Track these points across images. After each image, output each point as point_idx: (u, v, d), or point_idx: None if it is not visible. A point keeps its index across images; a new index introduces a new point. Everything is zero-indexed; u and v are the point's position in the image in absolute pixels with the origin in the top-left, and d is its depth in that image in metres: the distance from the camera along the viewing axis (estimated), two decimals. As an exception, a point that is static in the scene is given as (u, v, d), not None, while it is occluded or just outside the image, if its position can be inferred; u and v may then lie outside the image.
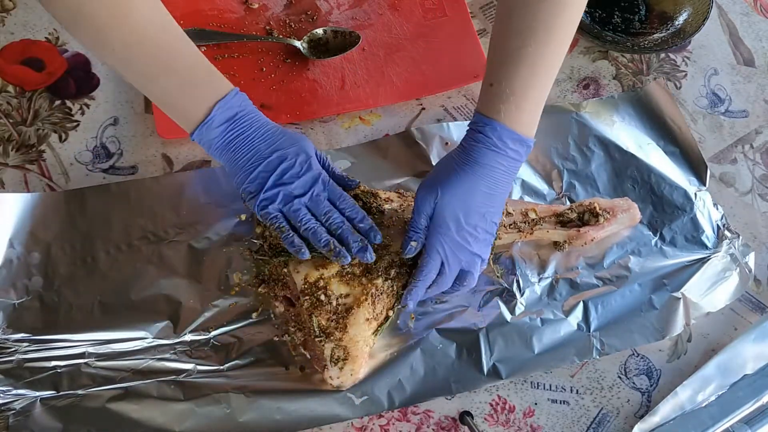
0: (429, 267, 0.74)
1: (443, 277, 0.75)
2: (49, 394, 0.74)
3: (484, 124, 0.72)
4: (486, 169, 0.72)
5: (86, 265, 0.80)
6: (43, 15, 0.96)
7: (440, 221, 0.73)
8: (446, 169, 0.74)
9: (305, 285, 0.74)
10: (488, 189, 0.73)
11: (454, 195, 0.72)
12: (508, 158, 0.72)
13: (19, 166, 0.87)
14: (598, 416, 0.79)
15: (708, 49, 1.03)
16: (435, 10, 0.99)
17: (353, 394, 0.76)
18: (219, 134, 0.72)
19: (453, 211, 0.72)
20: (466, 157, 0.73)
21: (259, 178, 0.73)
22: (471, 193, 0.72)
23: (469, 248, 0.74)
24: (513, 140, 0.72)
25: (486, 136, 0.72)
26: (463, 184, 0.72)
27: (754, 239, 0.90)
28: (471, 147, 0.73)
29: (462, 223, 0.73)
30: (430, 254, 0.74)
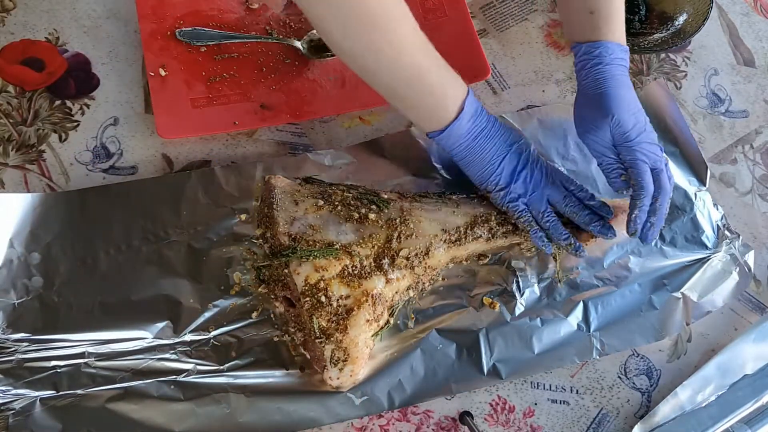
0: (645, 179, 0.78)
1: (661, 182, 0.79)
2: (48, 394, 0.74)
3: (596, 46, 0.81)
4: (621, 81, 0.80)
5: (86, 265, 0.80)
6: (43, 15, 0.96)
7: (625, 136, 0.78)
8: (589, 101, 0.81)
9: (306, 286, 0.74)
10: (632, 95, 0.80)
11: (617, 109, 0.78)
12: (623, 67, 0.81)
13: (19, 166, 0.87)
14: (598, 416, 0.79)
15: (708, 49, 1.03)
16: (435, 10, 0.99)
17: (353, 394, 0.75)
18: (466, 131, 0.78)
19: (627, 122, 0.78)
20: (596, 80, 0.81)
21: (504, 171, 0.79)
22: (626, 100, 0.79)
23: (657, 143, 0.80)
24: (622, 51, 0.81)
25: (602, 56, 0.80)
26: (616, 98, 0.79)
27: (754, 239, 0.90)
28: (596, 70, 0.80)
29: (639, 126, 0.79)
30: (639, 168, 0.79)
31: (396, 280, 0.77)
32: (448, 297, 0.82)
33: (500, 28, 1.02)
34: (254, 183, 0.86)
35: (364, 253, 0.76)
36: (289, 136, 0.92)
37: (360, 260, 0.76)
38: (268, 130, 0.92)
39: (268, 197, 0.82)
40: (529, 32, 1.02)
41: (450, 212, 0.81)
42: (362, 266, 0.76)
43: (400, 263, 0.77)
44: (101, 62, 0.94)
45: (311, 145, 0.91)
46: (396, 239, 0.78)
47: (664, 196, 0.80)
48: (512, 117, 0.93)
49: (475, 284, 0.83)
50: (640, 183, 0.79)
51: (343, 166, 0.88)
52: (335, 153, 0.89)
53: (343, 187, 0.82)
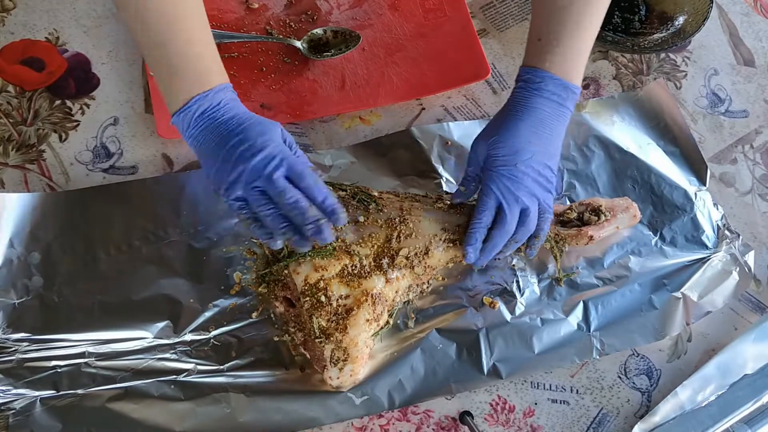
0: (485, 205, 0.76)
1: (503, 218, 0.76)
2: (49, 394, 0.74)
3: (528, 72, 0.77)
4: (531, 110, 0.75)
5: (86, 265, 0.80)
6: (43, 15, 0.96)
7: (492, 161, 0.76)
8: (495, 119, 0.78)
9: (305, 286, 0.74)
10: (534, 129, 0.75)
11: (502, 135, 0.75)
12: (552, 102, 0.76)
13: (19, 166, 0.87)
14: (598, 416, 0.79)
15: (708, 49, 1.03)
16: (435, 10, 0.99)
17: (353, 394, 0.76)
18: (190, 125, 0.71)
19: (503, 150, 0.75)
20: (511, 103, 0.77)
21: (222, 168, 0.70)
22: (517, 132, 0.75)
23: (524, 185, 0.75)
24: (557, 85, 0.75)
25: (530, 82, 0.76)
26: (509, 125, 0.76)
27: (754, 239, 0.90)
28: (516, 94, 0.77)
29: (514, 160, 0.75)
30: (485, 192, 0.76)
31: (396, 279, 0.77)
32: (448, 297, 0.82)
33: (500, 28, 1.02)
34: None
35: (364, 252, 0.76)
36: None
37: (360, 260, 0.76)
38: (268, 130, 0.92)
39: (268, 197, 0.82)
40: (529, 32, 1.02)
41: (450, 212, 0.81)
42: (362, 266, 0.76)
43: (400, 263, 0.77)
44: (101, 62, 0.94)
45: (311, 145, 0.91)
46: (395, 239, 0.78)
47: (498, 232, 0.76)
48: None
49: (475, 284, 0.83)
50: (477, 206, 0.76)
51: (343, 166, 0.88)
52: (335, 153, 0.89)
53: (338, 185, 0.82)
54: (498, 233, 0.76)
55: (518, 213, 0.76)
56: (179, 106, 0.71)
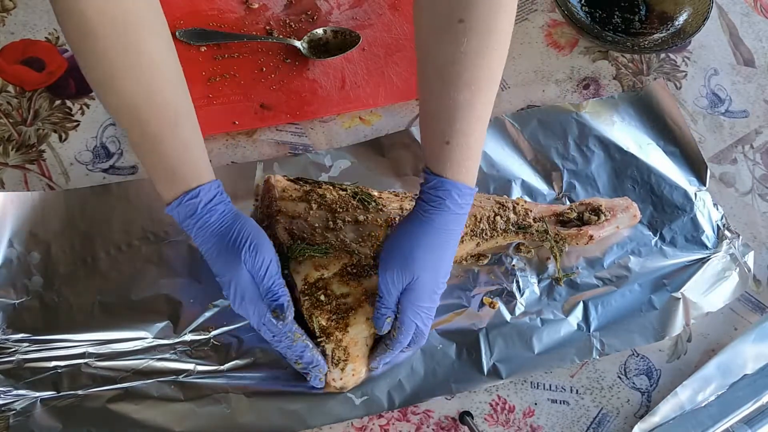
0: (405, 337, 0.73)
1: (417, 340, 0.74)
2: (49, 395, 0.74)
3: (436, 181, 0.70)
4: (439, 232, 0.70)
5: (86, 265, 0.80)
6: (43, 15, 0.96)
7: (416, 297, 0.71)
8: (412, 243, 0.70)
9: (305, 285, 0.74)
10: (442, 249, 0.71)
11: (428, 270, 0.70)
12: (455, 214, 0.71)
13: (19, 165, 0.87)
14: (598, 416, 0.79)
15: (708, 49, 1.03)
16: (435, 10, 0.99)
17: (353, 394, 0.76)
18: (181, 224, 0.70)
19: (428, 286, 0.71)
20: (420, 220, 0.71)
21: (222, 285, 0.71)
22: (441, 263, 0.71)
23: (422, 304, 0.72)
24: (461, 194, 0.70)
25: (439, 191, 0.70)
26: (434, 257, 0.70)
27: (754, 239, 0.90)
28: (425, 209, 0.70)
29: (434, 292, 0.72)
30: (407, 326, 0.72)
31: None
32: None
33: (500, 28, 1.01)
34: (254, 183, 0.86)
35: (364, 252, 0.76)
36: (289, 136, 0.92)
37: (359, 259, 0.76)
38: (268, 130, 0.92)
39: (268, 197, 0.82)
40: (529, 32, 1.02)
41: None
42: (362, 265, 0.76)
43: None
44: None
45: (311, 145, 0.91)
46: (396, 239, 0.78)
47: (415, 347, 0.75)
48: (512, 117, 0.93)
49: (475, 284, 0.83)
50: (398, 337, 0.72)
51: (343, 166, 0.88)
52: (335, 153, 0.89)
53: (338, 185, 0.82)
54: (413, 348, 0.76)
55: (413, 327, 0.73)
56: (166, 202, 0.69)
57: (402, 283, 0.70)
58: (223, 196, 0.71)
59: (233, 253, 0.69)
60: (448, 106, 0.68)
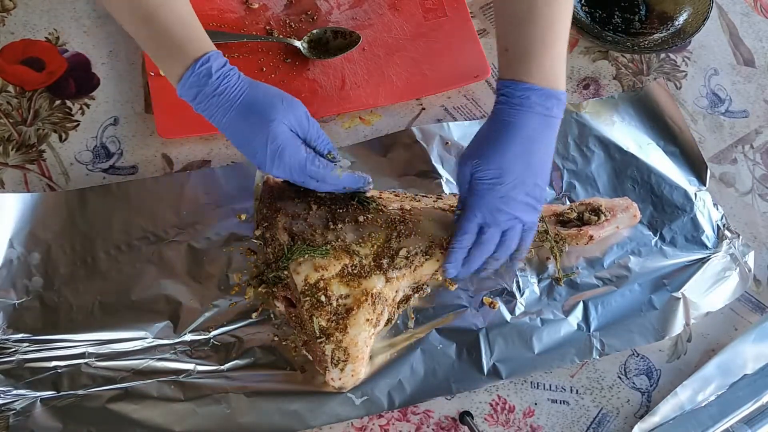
0: (464, 229, 0.75)
1: (484, 240, 0.75)
2: (49, 395, 0.74)
3: (506, 86, 0.73)
4: (516, 128, 0.72)
5: (86, 265, 0.80)
6: (43, 15, 0.96)
7: (476, 185, 0.74)
8: (479, 137, 0.76)
9: (305, 286, 0.74)
10: (521, 147, 0.72)
11: (487, 158, 0.72)
12: (537, 114, 0.72)
13: (19, 166, 0.87)
14: (598, 416, 0.79)
15: (708, 49, 1.03)
16: (435, 10, 0.99)
17: (353, 394, 0.76)
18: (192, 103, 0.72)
19: (487, 174, 0.73)
20: (494, 121, 0.74)
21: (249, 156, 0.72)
22: (502, 153, 0.72)
23: (507, 209, 0.73)
24: (539, 95, 0.72)
25: (509, 97, 0.73)
26: (494, 146, 0.73)
27: (754, 239, 0.90)
28: (498, 110, 0.74)
29: (497, 184, 0.72)
30: (467, 217, 0.75)
31: (396, 279, 0.77)
32: (448, 297, 0.82)
33: (500, 28, 1.02)
34: (254, 183, 0.86)
35: (364, 252, 0.77)
36: (289, 136, 0.92)
37: (359, 260, 0.76)
38: (268, 130, 0.92)
39: (267, 197, 0.82)
40: (529, 32, 1.01)
41: (450, 212, 0.81)
42: (362, 266, 0.76)
43: (400, 263, 0.77)
44: (101, 62, 0.94)
45: (311, 145, 0.91)
46: (395, 239, 0.78)
47: (479, 251, 0.75)
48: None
49: (475, 284, 0.83)
50: (458, 227, 0.75)
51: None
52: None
53: None
54: (478, 253, 0.76)
55: (499, 235, 0.75)
56: (174, 84, 0.72)
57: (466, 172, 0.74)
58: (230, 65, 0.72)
59: (265, 110, 0.69)
60: (509, 16, 0.74)
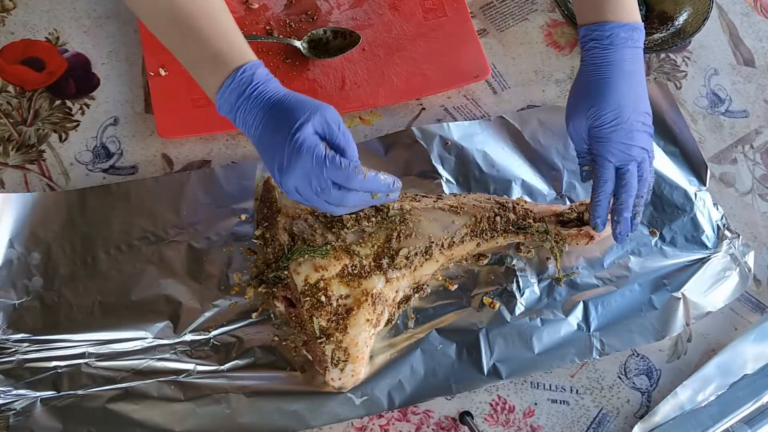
0: (604, 177, 0.77)
1: (627, 180, 0.77)
2: (49, 395, 0.74)
3: (593, 30, 0.77)
4: (615, 66, 0.76)
5: (86, 265, 0.80)
6: (43, 15, 0.96)
7: (598, 130, 0.76)
8: (580, 87, 0.78)
9: (306, 286, 0.74)
10: (625, 82, 0.76)
11: (601, 102, 0.75)
12: (630, 48, 0.76)
13: (19, 166, 0.87)
14: (598, 416, 0.79)
15: (708, 49, 1.03)
16: (435, 10, 0.99)
17: (353, 394, 0.76)
18: (228, 114, 0.71)
19: (607, 116, 0.75)
20: (593, 65, 0.77)
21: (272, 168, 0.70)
22: (613, 92, 0.76)
23: (634, 143, 0.76)
24: (627, 30, 0.76)
25: (601, 39, 0.76)
26: (603, 89, 0.76)
27: (754, 239, 0.90)
28: (592, 55, 0.77)
29: (620, 121, 0.75)
30: (601, 164, 0.77)
31: (396, 279, 0.77)
32: (448, 297, 0.82)
33: (500, 28, 1.02)
34: (254, 183, 0.86)
35: (364, 252, 0.77)
36: (289, 136, 0.92)
37: (360, 260, 0.76)
38: (268, 130, 0.92)
39: (268, 197, 0.82)
40: (529, 32, 1.02)
41: (450, 212, 0.81)
42: (362, 266, 0.76)
43: (400, 263, 0.77)
44: (101, 62, 0.94)
45: (311, 145, 0.91)
46: (395, 239, 0.78)
47: (627, 193, 0.78)
48: (512, 117, 0.93)
49: (475, 284, 0.83)
50: (597, 178, 0.78)
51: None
52: (335, 153, 0.89)
53: None
54: (625, 195, 0.78)
55: (636, 171, 0.78)
56: (214, 92, 0.71)
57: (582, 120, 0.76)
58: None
59: (294, 111, 0.68)
60: None
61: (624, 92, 0.76)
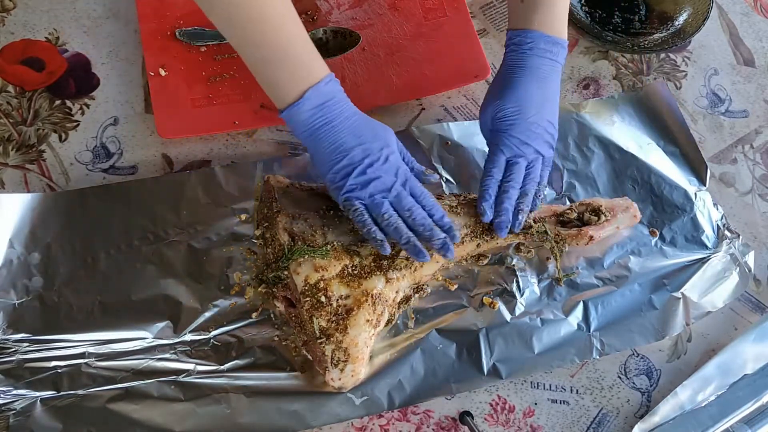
0: (493, 162, 0.80)
1: (514, 172, 0.79)
2: (49, 395, 0.74)
3: (516, 35, 0.80)
4: (528, 70, 0.80)
5: (86, 265, 0.80)
6: (43, 15, 0.96)
7: (499, 122, 0.80)
8: (493, 85, 0.82)
9: (306, 286, 0.74)
10: (535, 86, 0.79)
11: (506, 97, 0.79)
12: (547, 60, 0.80)
13: (19, 166, 0.87)
14: (598, 416, 0.79)
15: (708, 49, 1.03)
16: (435, 10, 0.99)
17: (353, 394, 0.76)
18: (307, 119, 0.73)
19: (509, 110, 0.79)
20: (507, 67, 0.81)
21: (343, 170, 0.74)
22: (520, 91, 0.79)
23: (529, 142, 0.79)
24: (547, 42, 0.79)
25: (521, 45, 0.80)
26: (512, 86, 0.80)
27: (754, 239, 0.90)
28: (510, 57, 0.81)
29: (520, 118, 0.79)
30: (494, 152, 0.80)
31: (396, 279, 0.77)
32: (448, 297, 0.82)
33: (500, 28, 1.02)
34: (254, 183, 0.86)
35: (364, 253, 0.77)
36: (289, 136, 0.92)
37: (360, 260, 0.76)
38: (268, 130, 0.92)
39: (268, 197, 0.82)
40: (529, 32, 1.01)
41: (450, 212, 0.81)
42: (362, 266, 0.76)
43: (400, 263, 0.77)
44: (101, 62, 0.94)
45: (311, 145, 0.91)
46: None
47: (510, 184, 0.79)
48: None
49: (475, 284, 0.83)
50: (486, 166, 0.81)
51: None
52: (335, 153, 0.89)
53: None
54: (509, 186, 0.79)
55: (525, 167, 0.80)
56: (293, 100, 0.73)
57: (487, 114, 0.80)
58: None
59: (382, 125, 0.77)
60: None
61: (531, 93, 0.79)
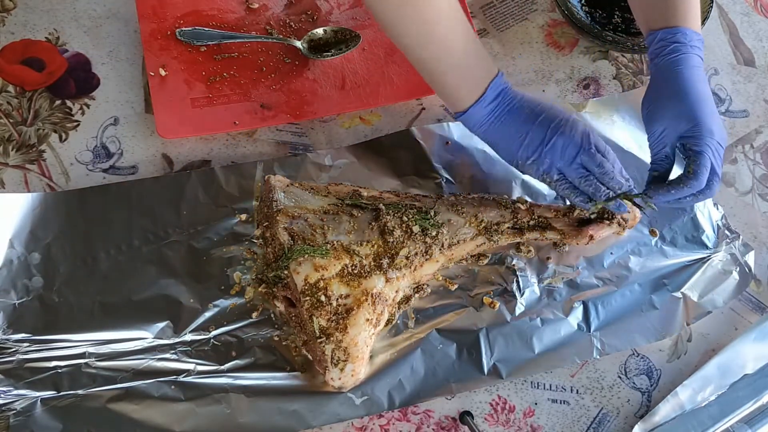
0: (701, 178, 0.76)
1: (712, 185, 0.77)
2: (49, 395, 0.74)
3: (676, 33, 0.79)
4: (696, 70, 0.79)
5: (86, 265, 0.80)
6: (43, 15, 0.96)
7: (703, 132, 0.76)
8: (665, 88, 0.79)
9: (306, 286, 0.74)
10: (705, 87, 0.79)
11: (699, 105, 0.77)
12: (701, 59, 0.79)
13: (20, 166, 0.87)
14: (598, 416, 0.79)
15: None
16: (435, 10, 0.99)
17: (353, 394, 0.76)
18: (490, 112, 0.79)
19: (710, 119, 0.76)
20: (677, 68, 0.79)
21: (533, 143, 0.78)
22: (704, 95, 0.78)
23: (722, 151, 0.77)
24: (699, 40, 0.80)
25: (684, 42, 0.79)
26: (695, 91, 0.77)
27: (754, 239, 0.90)
28: (674, 58, 0.79)
29: (716, 124, 0.77)
30: (704, 164, 0.75)
31: (396, 279, 0.77)
32: (448, 297, 0.82)
33: (500, 28, 1.02)
34: (254, 183, 0.86)
35: (364, 252, 0.77)
36: (289, 136, 0.92)
37: (359, 260, 0.76)
38: (268, 130, 0.92)
39: (268, 197, 0.82)
40: (530, 32, 1.02)
41: (450, 212, 0.81)
42: (362, 266, 0.76)
43: (400, 263, 0.77)
44: (101, 62, 0.94)
45: (311, 145, 0.91)
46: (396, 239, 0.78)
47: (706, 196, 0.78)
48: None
49: (475, 284, 0.83)
50: (696, 174, 0.75)
51: (343, 166, 0.88)
52: (335, 153, 0.89)
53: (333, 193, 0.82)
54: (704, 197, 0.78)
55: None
56: (476, 98, 0.78)
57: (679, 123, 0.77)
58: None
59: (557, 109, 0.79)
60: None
61: (709, 95, 0.78)
